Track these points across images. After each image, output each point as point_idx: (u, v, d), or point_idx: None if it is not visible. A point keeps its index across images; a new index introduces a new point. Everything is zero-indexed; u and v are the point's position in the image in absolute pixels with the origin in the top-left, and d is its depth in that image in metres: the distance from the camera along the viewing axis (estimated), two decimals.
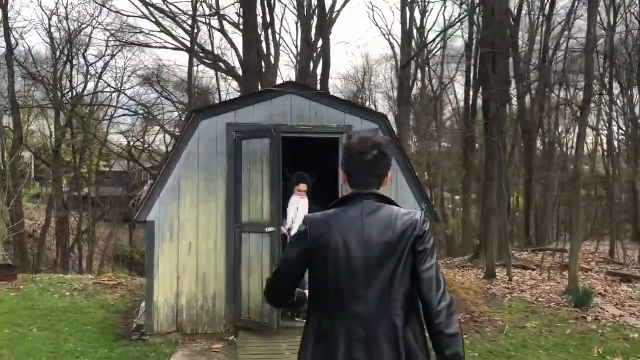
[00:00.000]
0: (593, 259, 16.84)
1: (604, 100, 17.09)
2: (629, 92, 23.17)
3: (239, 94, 18.80)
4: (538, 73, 15.88)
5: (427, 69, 26.36)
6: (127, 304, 9.71)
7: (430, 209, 7.75)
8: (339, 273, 2.37)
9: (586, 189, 29.34)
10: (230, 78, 23.16)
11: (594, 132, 23.68)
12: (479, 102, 19.19)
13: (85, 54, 23.90)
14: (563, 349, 7.13)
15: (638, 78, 19.85)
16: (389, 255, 2.36)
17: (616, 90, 21.59)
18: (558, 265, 14.17)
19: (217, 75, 22.74)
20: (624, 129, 26.32)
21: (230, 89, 25.54)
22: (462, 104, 25.28)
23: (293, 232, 6.91)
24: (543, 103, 20.94)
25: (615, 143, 25.11)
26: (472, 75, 21.18)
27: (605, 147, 25.77)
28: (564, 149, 25.68)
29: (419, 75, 26.31)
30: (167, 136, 25.23)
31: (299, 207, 7.53)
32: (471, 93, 21.19)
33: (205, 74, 27.73)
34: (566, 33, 20.92)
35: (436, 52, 25.20)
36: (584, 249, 18.30)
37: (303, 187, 7.62)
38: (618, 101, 22.41)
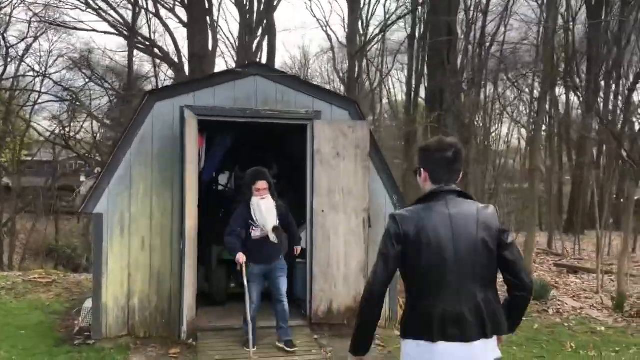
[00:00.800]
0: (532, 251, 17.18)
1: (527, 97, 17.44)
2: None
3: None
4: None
5: (366, 61, 26.18)
6: (64, 303, 8.80)
7: (401, 200, 7.41)
8: (432, 265, 2.61)
9: (515, 182, 30.41)
10: (166, 65, 22.09)
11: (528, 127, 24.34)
12: (422, 94, 19.16)
13: (5, 35, 22.05)
14: (535, 343, 6.99)
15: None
16: (476, 246, 2.61)
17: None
18: None
19: (154, 61, 21.61)
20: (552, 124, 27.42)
21: (165, 77, 24.37)
22: (399, 97, 25.27)
23: (271, 235, 6.11)
24: (477, 96, 21.22)
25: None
26: (414, 67, 21.12)
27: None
28: (492, 144, 26.21)
29: (358, 69, 26.06)
30: (96, 123, 23.79)
31: (262, 210, 6.03)
32: (413, 85, 21.15)
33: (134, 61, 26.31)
34: (502, 29, 21.26)
35: (374, 44, 24.98)
36: (521, 240, 18.70)
37: (262, 184, 6.08)
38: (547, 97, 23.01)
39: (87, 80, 22.95)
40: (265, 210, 6.01)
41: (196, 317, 7.00)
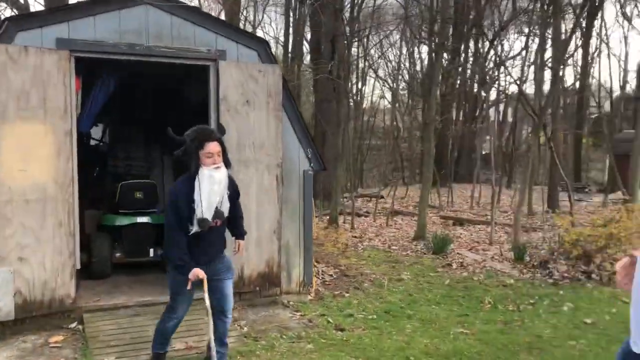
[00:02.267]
0: (409, 204, 17.57)
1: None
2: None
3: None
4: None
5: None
6: None
7: (316, 156, 6.71)
8: None
9: (378, 139, 31.26)
10: None
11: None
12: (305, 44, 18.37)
13: None
14: (452, 301, 6.80)
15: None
16: None
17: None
18: (387, 210, 14.35)
19: None
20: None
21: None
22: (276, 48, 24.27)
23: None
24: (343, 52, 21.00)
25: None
26: (294, 15, 20.18)
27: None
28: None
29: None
30: None
31: (215, 188, 4.03)
32: (290, 34, 20.27)
33: None
34: None
35: None
36: (389, 193, 19.03)
37: (214, 147, 3.99)
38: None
39: None
40: (218, 188, 4.04)
41: (78, 295, 5.85)
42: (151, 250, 7.26)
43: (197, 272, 4.03)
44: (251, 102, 6.18)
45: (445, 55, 19.81)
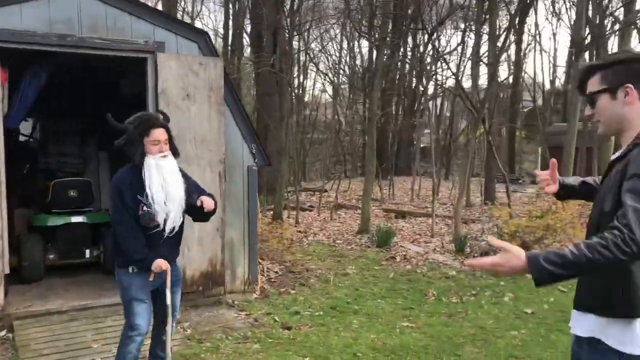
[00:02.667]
0: (352, 197, 17.66)
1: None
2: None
3: None
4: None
5: None
6: None
7: (260, 151, 6.58)
8: None
9: (320, 133, 31.37)
10: None
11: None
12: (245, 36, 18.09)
13: None
14: (397, 294, 6.85)
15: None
16: None
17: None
18: (331, 204, 14.36)
19: None
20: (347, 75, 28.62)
21: None
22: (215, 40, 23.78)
23: (171, 223, 3.62)
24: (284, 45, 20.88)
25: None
26: (233, 7, 19.85)
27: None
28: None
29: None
30: None
31: (165, 178, 3.58)
32: (230, 26, 19.93)
33: None
34: None
35: None
36: (332, 186, 19.10)
37: (160, 134, 3.58)
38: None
39: None
40: (170, 178, 3.59)
41: (7, 302, 5.52)
42: (87, 251, 6.94)
43: (161, 263, 3.55)
44: (192, 96, 5.98)
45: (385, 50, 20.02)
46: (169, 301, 3.62)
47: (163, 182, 3.54)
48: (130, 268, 3.62)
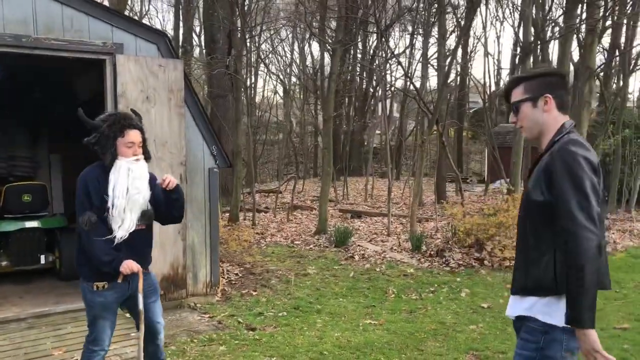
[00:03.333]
0: (307, 198, 17.76)
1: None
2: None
3: None
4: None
5: None
6: None
7: (221, 153, 6.57)
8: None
9: (271, 134, 31.42)
10: None
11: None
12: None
13: None
14: (358, 293, 6.97)
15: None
16: None
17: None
18: (287, 206, 14.41)
19: None
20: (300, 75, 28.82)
21: None
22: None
23: (123, 231, 3.36)
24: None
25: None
26: (184, 7, 19.61)
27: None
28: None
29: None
30: None
31: (134, 183, 3.36)
32: (181, 27, 19.69)
33: None
34: None
35: None
36: (285, 188, 19.18)
37: (135, 136, 3.37)
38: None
39: None
40: (139, 183, 3.38)
41: None
42: (42, 257, 6.76)
43: (131, 265, 3.32)
44: (152, 99, 5.92)
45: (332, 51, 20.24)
46: (141, 306, 3.46)
47: (132, 187, 3.33)
48: (94, 286, 3.37)
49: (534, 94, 2.36)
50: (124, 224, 3.36)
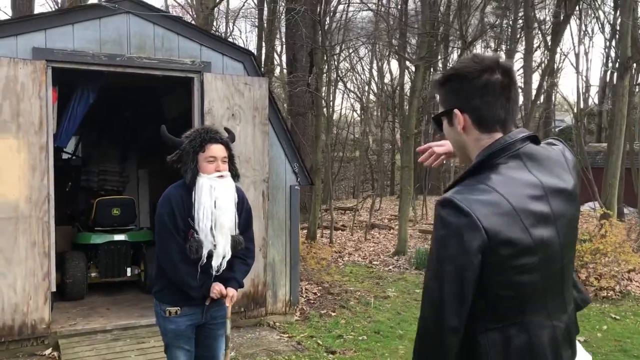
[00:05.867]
0: (384, 217, 17.50)
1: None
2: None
3: None
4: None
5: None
6: None
7: (302, 170, 6.53)
8: (535, 270, 1.50)
9: (348, 152, 31.37)
10: None
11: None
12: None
13: None
14: None
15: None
16: (576, 216, 1.65)
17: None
18: (364, 224, 14.23)
19: None
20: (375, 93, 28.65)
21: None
22: None
23: (219, 258, 3.10)
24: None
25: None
26: (267, 27, 20.00)
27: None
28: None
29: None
30: None
31: (219, 202, 3.06)
32: (263, 46, 20.08)
33: None
34: None
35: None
36: (369, 206, 18.95)
37: (218, 151, 3.09)
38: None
39: None
40: (223, 203, 3.07)
41: (52, 319, 5.50)
42: (128, 270, 6.94)
43: (220, 288, 3.08)
44: (237, 116, 5.97)
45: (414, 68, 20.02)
46: (228, 331, 3.26)
47: (214, 208, 3.02)
48: (167, 311, 3.13)
49: (445, 107, 1.63)
50: (217, 249, 3.06)
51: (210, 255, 3.06)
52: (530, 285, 1.51)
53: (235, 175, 3.21)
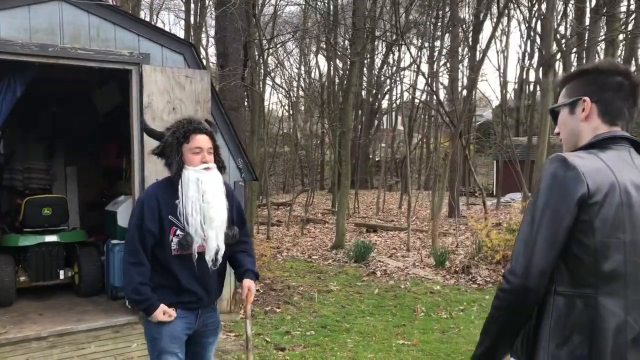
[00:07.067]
0: (317, 211, 17.58)
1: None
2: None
3: None
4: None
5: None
6: None
7: (247, 166, 6.40)
8: (620, 248, 1.57)
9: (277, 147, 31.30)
10: None
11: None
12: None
13: None
14: (385, 311, 6.76)
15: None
16: None
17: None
18: (299, 219, 14.24)
19: None
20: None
21: None
22: None
23: (211, 252, 2.86)
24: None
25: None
26: (194, 19, 19.57)
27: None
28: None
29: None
30: None
31: (206, 196, 2.82)
32: (191, 37, 19.60)
33: None
34: None
35: None
36: (300, 201, 19.04)
37: (203, 141, 2.87)
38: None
39: None
40: (211, 197, 2.86)
41: None
42: (61, 272, 6.57)
43: (159, 316, 2.82)
44: (178, 110, 5.76)
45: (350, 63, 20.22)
46: (249, 333, 3.02)
47: (202, 202, 2.83)
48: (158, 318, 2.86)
49: (573, 97, 1.80)
50: (208, 243, 2.84)
51: (202, 251, 2.86)
52: (611, 262, 1.56)
53: (221, 167, 2.99)
